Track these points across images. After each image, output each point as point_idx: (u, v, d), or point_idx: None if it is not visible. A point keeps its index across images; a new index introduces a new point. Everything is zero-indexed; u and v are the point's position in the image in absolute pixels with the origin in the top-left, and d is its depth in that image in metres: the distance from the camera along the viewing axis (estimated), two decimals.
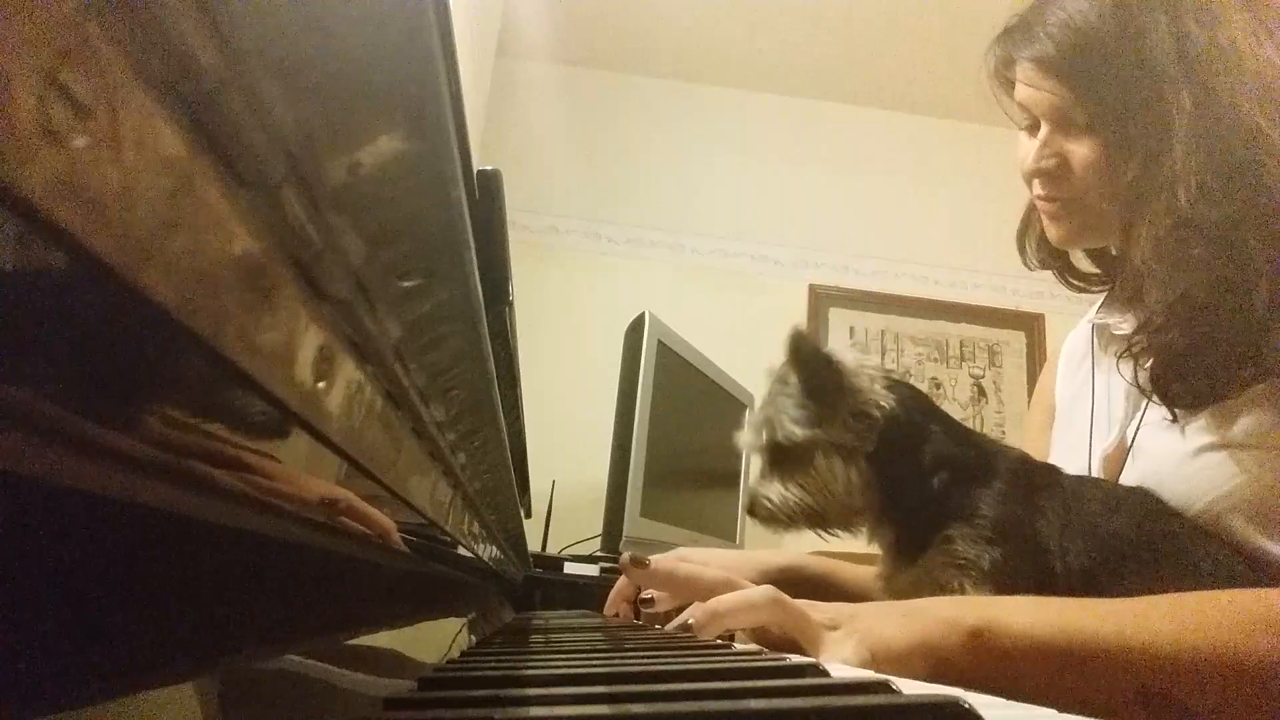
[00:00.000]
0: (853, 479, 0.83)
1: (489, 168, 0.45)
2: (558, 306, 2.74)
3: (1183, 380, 0.71)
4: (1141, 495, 0.76)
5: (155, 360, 0.15)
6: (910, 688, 0.31)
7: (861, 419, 0.83)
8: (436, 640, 0.52)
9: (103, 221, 0.11)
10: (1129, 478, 0.79)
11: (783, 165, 3.08)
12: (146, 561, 0.19)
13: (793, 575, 0.97)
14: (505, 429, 0.62)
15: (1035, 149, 0.81)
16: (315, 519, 0.26)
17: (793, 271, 2.99)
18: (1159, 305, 0.71)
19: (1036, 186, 0.84)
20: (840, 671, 0.40)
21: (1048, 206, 0.84)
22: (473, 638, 0.69)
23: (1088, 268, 0.95)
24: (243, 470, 0.20)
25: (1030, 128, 0.83)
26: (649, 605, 0.84)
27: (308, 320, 0.21)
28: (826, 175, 3.10)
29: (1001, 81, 0.86)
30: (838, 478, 0.83)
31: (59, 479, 0.14)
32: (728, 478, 2.34)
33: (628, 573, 0.81)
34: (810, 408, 0.85)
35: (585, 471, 2.13)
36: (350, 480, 0.29)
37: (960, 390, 2.98)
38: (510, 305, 0.55)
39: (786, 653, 0.59)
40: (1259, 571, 0.68)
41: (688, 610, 0.66)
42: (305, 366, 0.21)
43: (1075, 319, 1.00)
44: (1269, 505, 0.68)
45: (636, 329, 1.82)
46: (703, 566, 0.78)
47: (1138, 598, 0.61)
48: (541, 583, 1.63)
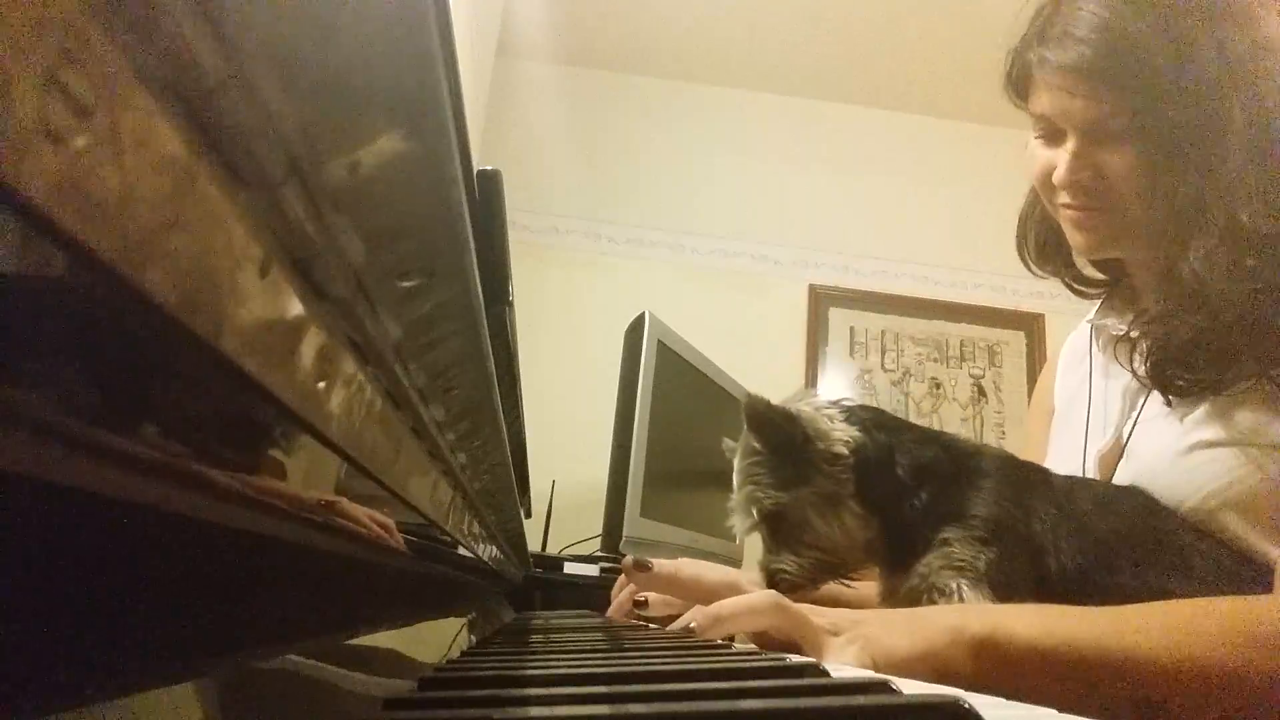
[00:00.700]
0: (848, 521, 0.83)
1: (489, 168, 0.45)
2: (558, 306, 2.74)
3: (1183, 367, 0.71)
4: (1134, 494, 0.76)
5: (155, 360, 0.15)
6: (910, 688, 0.31)
7: (834, 461, 0.83)
8: (436, 640, 0.52)
9: (103, 221, 0.11)
10: (1123, 476, 0.79)
11: (783, 165, 3.08)
12: (146, 561, 0.19)
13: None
14: (505, 429, 0.62)
15: (1067, 162, 0.77)
16: (315, 519, 0.26)
17: (793, 271, 2.99)
18: (1211, 313, 0.69)
19: (1064, 196, 0.80)
20: (840, 672, 0.39)
21: (1075, 215, 0.80)
22: (473, 638, 0.69)
23: (1091, 272, 0.94)
24: (243, 470, 0.20)
25: (1048, 137, 0.80)
26: (643, 607, 0.84)
27: (308, 320, 0.21)
28: (826, 175, 3.10)
29: (1017, 90, 0.83)
30: (835, 525, 0.83)
31: (59, 479, 0.14)
32: (728, 478, 2.33)
33: (630, 576, 0.80)
34: (785, 469, 0.84)
35: (585, 471, 2.13)
36: (350, 480, 0.29)
37: (960, 390, 2.98)
38: (510, 305, 0.55)
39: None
40: (1250, 569, 0.68)
41: (690, 613, 0.66)
42: (305, 366, 0.21)
43: (1075, 319, 1.00)
44: (1261, 503, 0.68)
45: (636, 329, 1.82)
46: (706, 569, 0.78)
47: (1136, 606, 0.62)
48: (541, 583, 1.63)
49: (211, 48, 0.14)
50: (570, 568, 1.68)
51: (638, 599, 0.86)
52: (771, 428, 0.84)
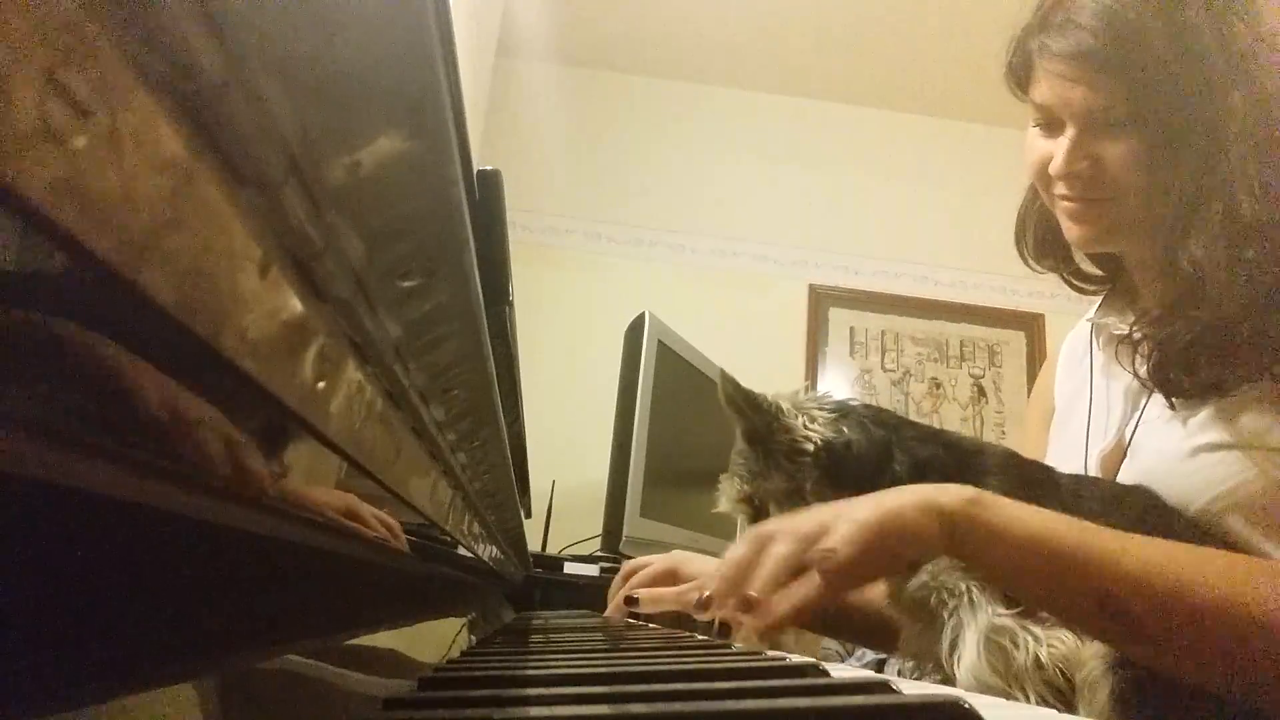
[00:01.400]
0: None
1: (489, 168, 0.45)
2: (558, 306, 2.74)
3: (1185, 370, 0.71)
4: (1140, 493, 0.76)
5: (155, 360, 0.15)
6: (910, 688, 0.31)
7: (796, 456, 0.84)
8: (436, 640, 0.52)
9: (103, 221, 0.11)
10: (1126, 477, 0.79)
11: (783, 165, 3.08)
12: (146, 561, 0.19)
13: None
14: (505, 429, 0.62)
15: (1065, 151, 0.77)
16: (315, 519, 0.26)
17: (793, 271, 2.99)
18: (1210, 305, 0.70)
19: (1061, 187, 0.80)
20: (840, 671, 0.40)
21: (1072, 206, 0.80)
22: (473, 638, 0.69)
23: (1089, 268, 0.94)
24: (242, 470, 0.20)
25: (1046, 127, 0.80)
26: (634, 604, 0.86)
27: (308, 320, 0.21)
28: (826, 175, 3.10)
29: (1019, 78, 0.83)
30: (775, 492, 0.85)
31: (59, 479, 0.14)
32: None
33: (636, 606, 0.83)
34: (756, 459, 0.86)
35: (585, 471, 2.13)
36: (350, 480, 0.29)
37: (960, 390, 2.98)
38: (510, 305, 0.55)
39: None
40: None
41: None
42: (305, 366, 0.21)
43: (1075, 319, 0.99)
44: (1266, 506, 0.68)
45: (636, 329, 1.82)
46: (688, 561, 0.80)
47: (1121, 531, 0.64)
48: (541, 583, 1.63)
49: (211, 48, 0.14)
50: (570, 568, 1.68)
51: (628, 598, 0.88)
52: (738, 410, 0.86)
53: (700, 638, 0.71)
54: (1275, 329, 0.67)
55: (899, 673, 0.77)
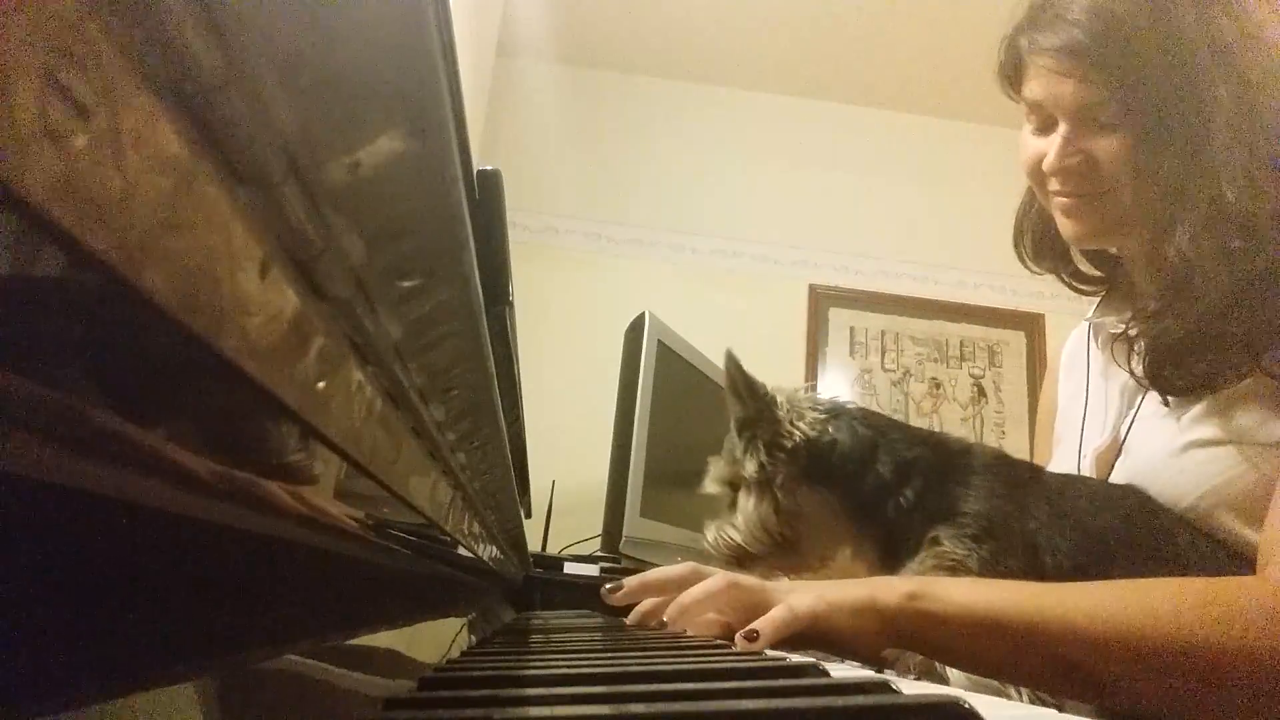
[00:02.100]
0: (766, 511, 0.86)
1: (489, 168, 0.45)
2: (558, 306, 2.73)
3: (1177, 366, 0.71)
4: (1130, 492, 0.76)
5: (155, 360, 0.15)
6: (910, 688, 0.31)
7: (774, 451, 0.85)
8: (436, 640, 0.52)
9: (103, 221, 0.11)
10: (1120, 474, 0.79)
11: (783, 165, 3.08)
12: (146, 561, 0.19)
13: None
14: (505, 429, 0.62)
15: (1057, 147, 0.77)
16: (315, 519, 0.26)
17: (793, 271, 2.99)
18: (1197, 296, 0.70)
19: (1054, 183, 0.80)
20: (840, 672, 0.40)
21: (1066, 202, 0.80)
22: (473, 638, 0.69)
23: (1087, 269, 0.94)
24: (242, 470, 0.20)
25: (1039, 126, 0.81)
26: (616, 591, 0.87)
27: (308, 320, 0.21)
28: (826, 175, 3.10)
29: (1010, 76, 0.84)
30: (756, 511, 0.87)
31: (59, 479, 0.14)
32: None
33: (610, 600, 0.85)
34: (741, 445, 0.88)
35: (585, 471, 2.13)
36: (350, 480, 0.29)
37: (960, 390, 2.98)
38: (510, 305, 0.55)
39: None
40: (1247, 567, 0.68)
41: (640, 607, 0.75)
42: (305, 366, 0.21)
43: (1075, 319, 0.99)
44: (1257, 501, 0.68)
45: (636, 329, 1.82)
46: (666, 569, 0.81)
47: (1083, 584, 0.65)
48: (541, 583, 1.63)
49: (211, 48, 0.14)
50: (570, 568, 1.68)
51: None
52: (736, 392, 0.88)
53: (700, 638, 0.71)
54: (1263, 321, 0.67)
55: (897, 673, 0.77)
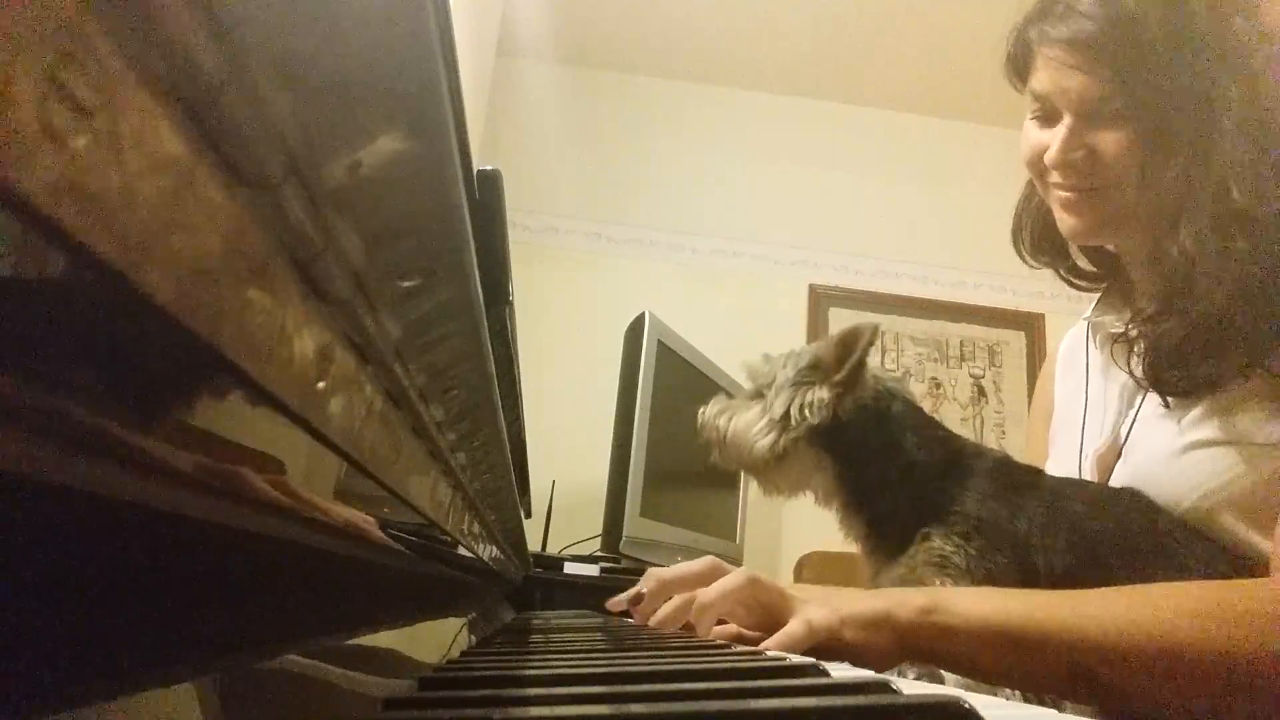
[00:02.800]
0: (761, 445, 0.91)
1: (489, 168, 0.45)
2: (558, 306, 2.73)
3: (1178, 368, 0.71)
4: (1128, 495, 0.76)
5: (155, 360, 0.15)
6: (910, 688, 0.31)
7: (815, 408, 0.87)
8: (436, 640, 0.52)
9: (103, 221, 0.11)
10: (1120, 476, 0.79)
11: (783, 165, 3.08)
12: (147, 561, 0.19)
13: None
14: (505, 429, 0.62)
15: (1060, 140, 0.77)
16: (315, 519, 0.26)
17: (793, 271, 2.99)
18: (1199, 296, 0.70)
19: (1055, 176, 0.80)
20: (840, 672, 0.39)
21: (1066, 196, 0.80)
22: (473, 638, 0.69)
23: (1085, 265, 0.94)
24: (243, 470, 0.20)
25: (1043, 118, 0.80)
26: (637, 603, 0.86)
27: (308, 320, 0.21)
28: (826, 175, 3.10)
29: (1018, 67, 0.83)
30: (752, 432, 0.92)
31: (59, 479, 0.14)
32: (728, 478, 2.33)
33: (637, 615, 0.84)
34: (799, 373, 0.89)
35: (585, 471, 2.13)
36: (350, 480, 0.29)
37: (960, 390, 2.98)
38: (510, 305, 0.55)
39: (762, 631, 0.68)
40: (1246, 569, 0.68)
41: (666, 607, 0.75)
42: (305, 366, 0.21)
43: (1075, 319, 0.99)
44: (1260, 501, 0.68)
45: (636, 329, 1.82)
46: (685, 566, 0.81)
47: (1090, 590, 0.65)
48: (541, 583, 1.63)
49: (211, 48, 0.14)
50: (570, 568, 1.68)
51: (633, 594, 0.89)
52: (840, 351, 0.90)
53: (701, 638, 0.71)
54: (1266, 321, 0.67)
55: (898, 672, 0.77)
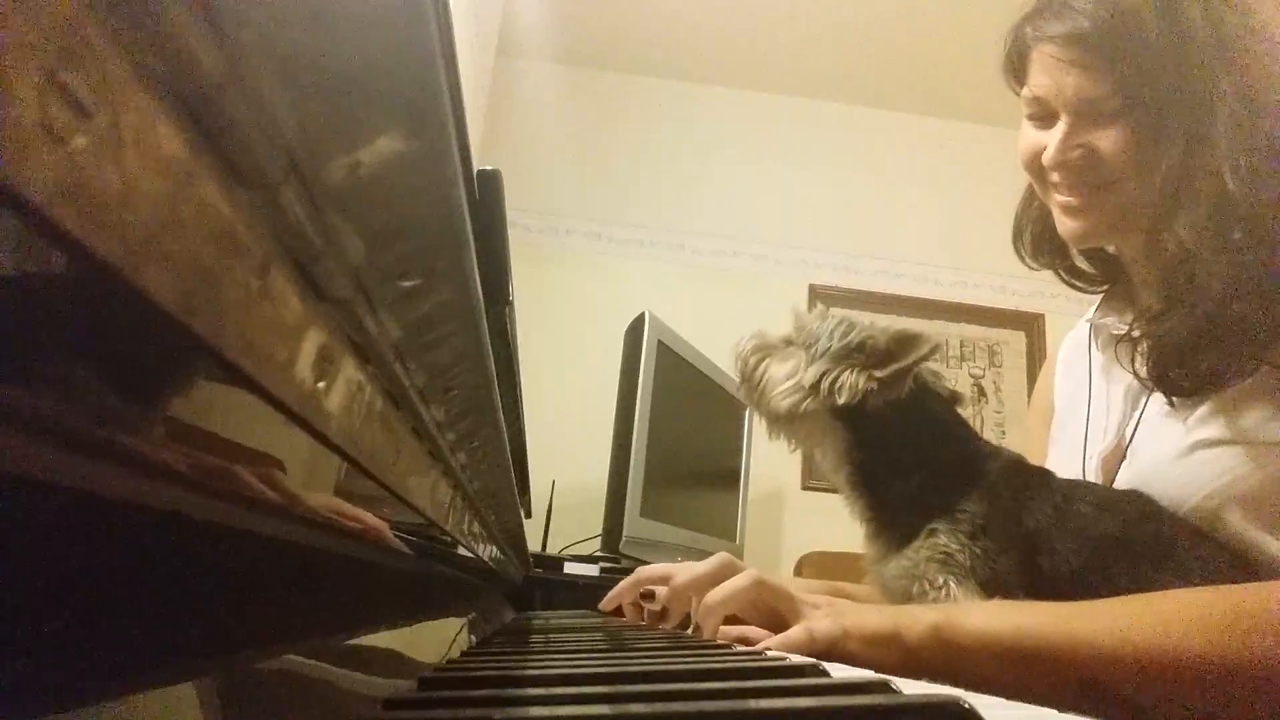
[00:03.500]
0: (782, 404, 0.89)
1: (489, 168, 0.45)
2: (558, 306, 2.74)
3: (1183, 366, 0.71)
4: (1135, 498, 0.75)
5: (155, 360, 0.15)
6: (910, 688, 0.31)
7: (833, 393, 0.85)
8: (436, 640, 0.52)
9: (103, 221, 0.11)
10: (1126, 476, 0.79)
11: (783, 165, 3.08)
12: (146, 561, 0.19)
13: None
14: (505, 429, 0.62)
15: (1058, 141, 0.77)
16: (315, 519, 0.26)
17: (793, 271, 2.99)
18: (1198, 289, 0.70)
19: (1054, 177, 0.80)
20: (840, 672, 0.39)
21: (1066, 201, 0.80)
22: (473, 638, 0.69)
23: (1084, 265, 0.94)
24: (243, 470, 0.20)
25: (1040, 119, 0.80)
26: (649, 599, 0.86)
27: (308, 320, 0.21)
28: (826, 175, 3.10)
29: (1014, 66, 0.83)
30: (778, 384, 0.89)
31: (59, 479, 0.14)
32: (728, 478, 2.34)
33: (651, 607, 0.84)
34: (853, 357, 0.86)
35: (585, 471, 2.13)
36: (350, 480, 0.29)
37: (960, 390, 2.98)
38: (510, 305, 0.55)
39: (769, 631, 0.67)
40: (1252, 570, 0.68)
41: (667, 601, 0.74)
42: (305, 366, 0.21)
43: (1075, 319, 0.99)
44: (1266, 500, 0.68)
45: (636, 329, 1.82)
46: (696, 566, 0.80)
47: (1101, 601, 0.64)
48: (541, 583, 1.63)
49: (211, 48, 0.14)
50: (570, 568, 1.68)
51: (644, 591, 0.89)
52: (895, 349, 0.87)
53: (700, 638, 0.71)
54: (1267, 314, 0.67)
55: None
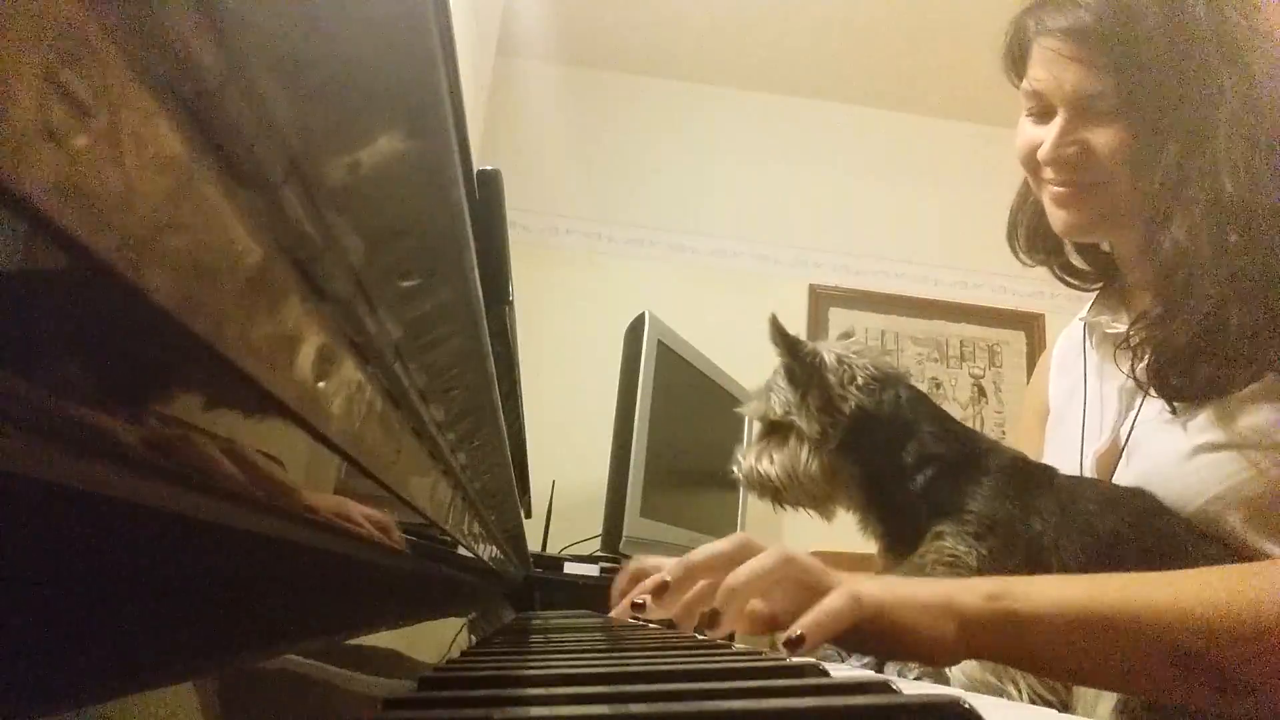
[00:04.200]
0: (814, 469, 0.88)
1: (489, 168, 0.45)
2: (558, 306, 2.73)
3: (1184, 374, 0.71)
4: (1139, 495, 0.76)
5: (155, 360, 0.15)
6: (910, 688, 0.31)
7: (827, 414, 0.85)
8: (436, 640, 0.52)
9: (103, 221, 0.11)
10: (1124, 477, 0.79)
11: (783, 165, 3.08)
12: (146, 561, 0.19)
13: None
14: (505, 429, 0.62)
15: (1054, 136, 0.77)
16: (315, 519, 0.26)
17: (793, 271, 2.99)
18: (1195, 293, 0.69)
19: (1048, 172, 0.80)
20: (840, 671, 0.39)
21: (1059, 192, 0.80)
22: (473, 638, 0.69)
23: (1078, 262, 0.94)
24: (243, 470, 0.20)
25: (1038, 115, 0.80)
26: (640, 610, 0.83)
27: (308, 320, 0.21)
28: (826, 175, 3.10)
29: (1015, 59, 0.83)
30: (801, 463, 0.88)
31: (59, 479, 0.14)
32: (727, 477, 2.33)
33: (656, 600, 0.79)
34: (790, 393, 0.88)
35: (585, 471, 2.13)
36: (350, 480, 0.29)
37: (960, 390, 2.98)
38: (510, 305, 0.55)
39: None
40: None
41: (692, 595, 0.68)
42: (305, 366, 0.21)
43: (1074, 319, 0.99)
44: (1265, 504, 0.68)
45: (636, 329, 1.82)
46: (714, 543, 0.77)
47: (1163, 573, 0.60)
48: (541, 583, 1.63)
49: (211, 48, 0.14)
50: (570, 568, 1.68)
51: (635, 602, 0.86)
52: (789, 353, 0.91)
53: (700, 637, 0.71)
54: (1265, 318, 0.67)
55: (899, 673, 0.77)
